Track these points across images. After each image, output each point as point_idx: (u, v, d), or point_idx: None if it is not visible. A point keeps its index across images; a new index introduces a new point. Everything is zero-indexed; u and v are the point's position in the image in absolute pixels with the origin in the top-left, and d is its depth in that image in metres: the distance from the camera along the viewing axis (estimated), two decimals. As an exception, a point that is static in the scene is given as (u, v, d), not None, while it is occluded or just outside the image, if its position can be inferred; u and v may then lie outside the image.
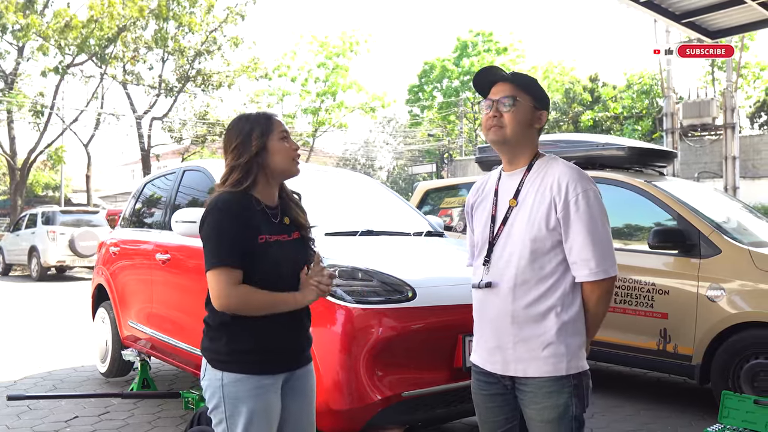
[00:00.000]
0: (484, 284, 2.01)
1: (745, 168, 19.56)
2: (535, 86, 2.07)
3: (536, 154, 2.06)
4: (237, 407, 1.96)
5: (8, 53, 23.83)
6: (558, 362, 1.93)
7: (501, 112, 2.00)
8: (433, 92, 38.59)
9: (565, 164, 2.01)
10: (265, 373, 1.99)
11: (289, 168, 2.10)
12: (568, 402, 1.94)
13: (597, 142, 5.61)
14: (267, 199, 2.10)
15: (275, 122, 2.10)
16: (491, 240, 2.03)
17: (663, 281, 4.56)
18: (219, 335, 2.01)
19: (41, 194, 35.40)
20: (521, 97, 2.01)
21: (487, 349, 2.03)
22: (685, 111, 17.59)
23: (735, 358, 4.19)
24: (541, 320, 1.93)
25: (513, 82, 2.03)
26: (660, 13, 6.96)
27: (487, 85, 2.08)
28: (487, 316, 2.03)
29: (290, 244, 2.09)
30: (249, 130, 2.06)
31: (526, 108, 2.01)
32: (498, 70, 2.08)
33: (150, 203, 5.34)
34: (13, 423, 4.31)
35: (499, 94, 2.02)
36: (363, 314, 3.07)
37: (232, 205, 1.99)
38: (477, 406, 2.13)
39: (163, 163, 28.87)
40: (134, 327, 4.86)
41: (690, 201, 4.81)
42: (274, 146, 2.06)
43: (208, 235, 1.98)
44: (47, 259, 15.56)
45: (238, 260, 1.94)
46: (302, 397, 2.13)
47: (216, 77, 26.20)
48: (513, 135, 2.01)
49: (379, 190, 4.92)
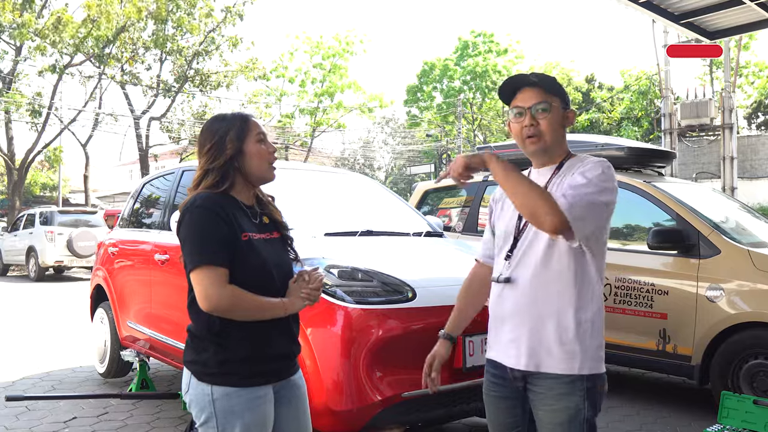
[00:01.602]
0: (503, 279, 1.99)
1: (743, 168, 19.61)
2: (560, 86, 2.02)
3: (568, 153, 2.03)
4: (231, 422, 1.85)
5: (6, 53, 23.82)
6: (572, 361, 1.89)
7: (537, 120, 1.95)
8: (432, 92, 38.61)
9: (596, 158, 1.96)
10: (258, 384, 1.91)
11: (264, 174, 2.01)
12: (580, 404, 1.90)
13: (596, 142, 5.61)
14: (245, 199, 2.02)
15: (252, 124, 2.01)
16: (516, 235, 2.00)
17: (662, 281, 4.56)
18: (206, 345, 1.90)
19: (39, 194, 35.37)
20: (551, 100, 1.97)
21: (502, 342, 2.00)
22: (683, 111, 17.60)
23: (734, 359, 4.19)
24: (558, 317, 1.90)
25: (542, 87, 1.98)
26: (659, 13, 6.96)
27: (510, 91, 2.02)
28: (505, 310, 2.00)
29: (274, 242, 2.03)
30: (224, 132, 1.97)
31: (557, 111, 1.98)
32: (524, 75, 2.01)
33: (149, 203, 5.33)
34: (11, 424, 4.30)
35: (530, 101, 1.96)
36: (363, 315, 3.07)
37: (211, 202, 1.89)
38: (487, 406, 2.11)
39: (162, 164, 28.88)
40: (133, 327, 4.85)
41: (689, 201, 4.81)
42: (250, 149, 1.97)
43: (186, 234, 1.88)
44: (45, 259, 15.53)
45: (222, 258, 1.84)
46: (295, 406, 2.06)
47: (214, 77, 26.20)
48: (551, 141, 1.98)
49: (379, 191, 4.92)
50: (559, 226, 1.79)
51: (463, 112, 34.54)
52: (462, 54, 37.30)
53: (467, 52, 37.20)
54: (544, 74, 2.04)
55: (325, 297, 3.09)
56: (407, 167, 37.58)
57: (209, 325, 1.88)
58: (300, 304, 1.96)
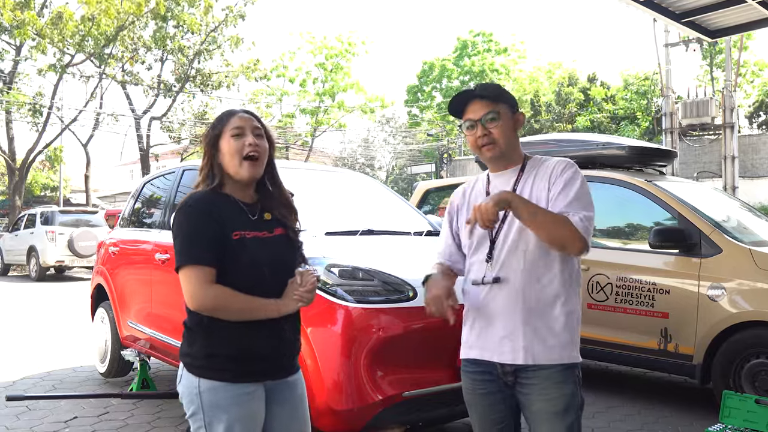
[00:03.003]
0: (491, 279, 2.03)
1: (744, 168, 19.59)
2: (504, 92, 2.12)
3: (524, 154, 2.14)
4: (216, 415, 1.86)
5: (7, 53, 23.81)
6: (566, 350, 1.99)
7: (489, 129, 2.05)
8: (432, 92, 38.63)
9: (559, 158, 2.10)
10: (243, 381, 1.89)
11: (235, 170, 1.95)
12: (575, 391, 2.00)
13: (597, 141, 5.61)
14: (241, 196, 1.99)
15: (230, 120, 1.98)
16: (492, 237, 2.05)
17: (664, 280, 4.55)
18: (195, 338, 1.92)
19: (40, 194, 35.38)
20: (499, 108, 2.06)
21: (494, 341, 2.04)
22: (684, 111, 17.57)
23: (736, 358, 4.18)
24: (549, 309, 2.00)
25: (486, 97, 2.07)
26: (660, 12, 6.94)
27: (460, 106, 2.11)
28: (493, 309, 2.03)
29: (273, 241, 1.98)
30: (210, 130, 2.00)
31: (506, 117, 2.07)
32: (469, 90, 2.10)
33: (149, 203, 5.33)
34: (12, 423, 4.30)
35: (479, 113, 2.06)
36: (364, 314, 3.07)
37: (200, 202, 1.91)
38: (472, 406, 2.15)
39: (162, 163, 28.85)
40: (133, 327, 4.84)
41: (691, 200, 4.80)
42: (222, 146, 1.96)
43: (176, 233, 1.90)
44: (46, 259, 15.53)
45: (210, 258, 1.85)
46: (291, 408, 2.02)
47: (215, 77, 26.18)
48: (506, 147, 2.08)
49: (379, 190, 4.91)
50: (583, 250, 1.95)
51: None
52: (461, 54, 37.31)
53: (466, 51, 37.22)
54: (487, 84, 2.16)
55: (325, 296, 3.08)
56: (408, 167, 37.58)
57: (200, 319, 1.90)
58: (294, 305, 1.93)
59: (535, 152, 2.27)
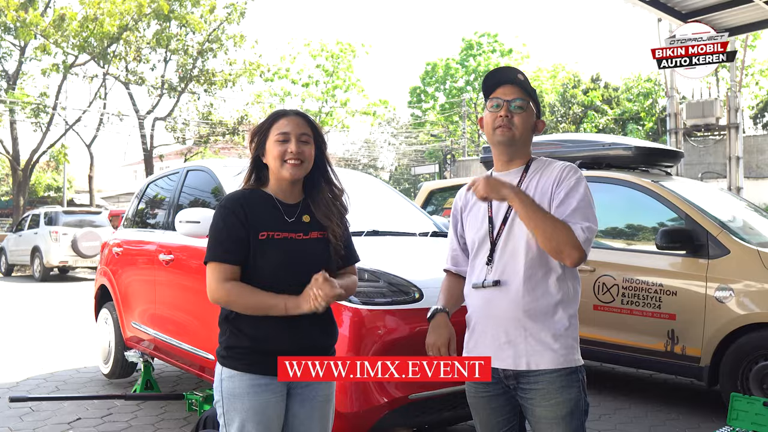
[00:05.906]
0: (491, 283, 2.01)
1: (749, 168, 19.53)
2: (536, 97, 2.12)
3: (530, 156, 2.12)
4: (233, 403, 1.96)
5: (11, 54, 23.87)
6: (569, 354, 1.97)
7: (512, 113, 2.03)
8: (436, 93, 38.63)
9: (563, 162, 2.08)
10: (256, 372, 1.95)
11: (278, 172, 2.03)
12: (579, 395, 1.98)
13: (603, 141, 5.58)
14: (284, 196, 2.06)
15: (277, 122, 2.04)
16: (493, 240, 2.04)
17: (670, 282, 4.52)
18: (223, 330, 2.03)
19: (43, 195, 35.45)
20: (529, 101, 2.06)
21: (494, 346, 2.02)
22: (689, 111, 17.49)
23: (744, 360, 4.15)
24: (551, 313, 1.97)
25: (523, 88, 2.06)
26: (665, 11, 6.93)
27: (492, 85, 2.09)
28: (494, 313, 2.01)
29: (305, 243, 2.02)
30: (258, 129, 2.08)
31: (531, 114, 2.07)
32: (511, 72, 2.09)
33: (153, 203, 5.31)
34: (15, 425, 4.29)
35: (510, 95, 2.04)
36: (370, 315, 3.04)
37: (231, 200, 2.01)
38: (475, 410, 2.13)
39: (166, 164, 28.88)
40: (137, 328, 4.83)
41: (697, 201, 4.77)
42: (269, 147, 2.04)
43: (209, 230, 2.03)
44: (50, 259, 15.55)
45: (232, 256, 1.95)
46: (311, 408, 2.04)
47: (219, 76, 26.19)
48: (521, 137, 2.05)
49: (384, 191, 4.89)
50: (579, 261, 1.91)
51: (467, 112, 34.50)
52: (466, 54, 37.32)
53: (471, 52, 37.21)
54: (528, 79, 2.13)
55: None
56: (411, 167, 37.56)
57: (226, 313, 2.02)
58: (306, 307, 1.90)
59: (540, 153, 2.25)
